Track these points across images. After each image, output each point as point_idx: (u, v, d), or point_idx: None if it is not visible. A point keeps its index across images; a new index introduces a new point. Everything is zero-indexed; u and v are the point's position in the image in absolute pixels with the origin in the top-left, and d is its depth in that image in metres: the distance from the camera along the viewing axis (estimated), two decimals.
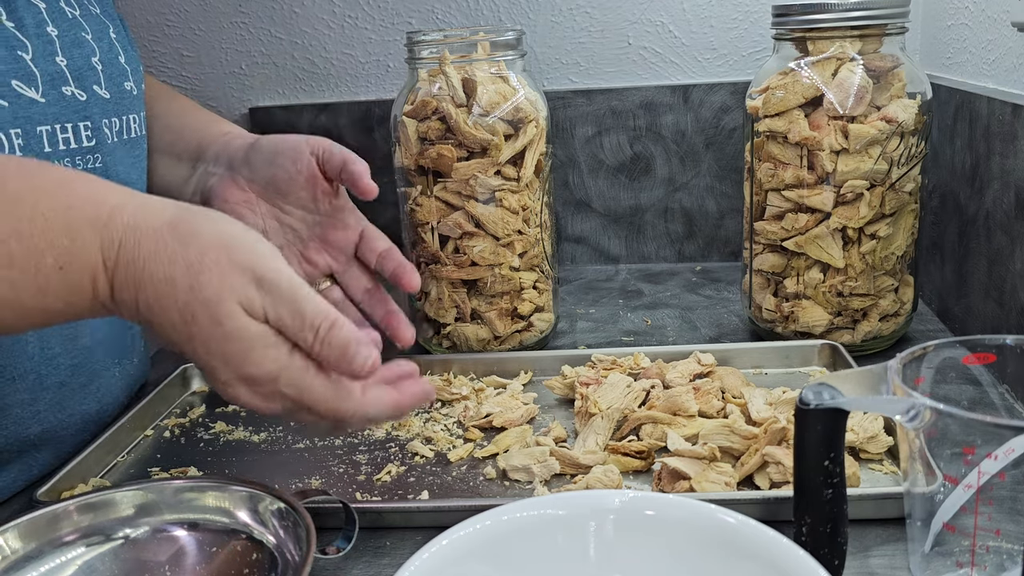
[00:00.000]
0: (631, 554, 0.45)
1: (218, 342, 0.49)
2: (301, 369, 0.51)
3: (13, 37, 0.61)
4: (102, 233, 0.49)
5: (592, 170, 1.16)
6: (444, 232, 0.83)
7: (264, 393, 0.51)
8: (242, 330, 0.49)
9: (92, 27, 0.69)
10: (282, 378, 0.50)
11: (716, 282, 1.09)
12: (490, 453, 0.68)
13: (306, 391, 0.51)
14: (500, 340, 0.86)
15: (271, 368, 0.50)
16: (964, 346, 0.49)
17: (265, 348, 0.50)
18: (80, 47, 0.67)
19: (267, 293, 0.49)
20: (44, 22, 0.64)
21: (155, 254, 0.49)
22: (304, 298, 0.50)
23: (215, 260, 0.49)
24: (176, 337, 0.50)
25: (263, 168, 0.71)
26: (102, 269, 0.49)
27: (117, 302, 0.50)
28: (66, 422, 0.70)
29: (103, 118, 0.68)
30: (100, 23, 0.71)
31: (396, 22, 1.18)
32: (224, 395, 0.52)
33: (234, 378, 0.50)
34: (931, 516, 0.47)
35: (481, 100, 0.79)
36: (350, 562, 0.56)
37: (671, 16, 1.13)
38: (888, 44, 0.78)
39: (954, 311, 0.89)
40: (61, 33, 0.65)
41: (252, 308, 0.49)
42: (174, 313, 0.49)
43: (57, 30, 0.65)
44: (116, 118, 0.70)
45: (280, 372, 0.50)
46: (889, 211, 0.78)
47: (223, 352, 0.50)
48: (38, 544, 0.53)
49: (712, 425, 0.65)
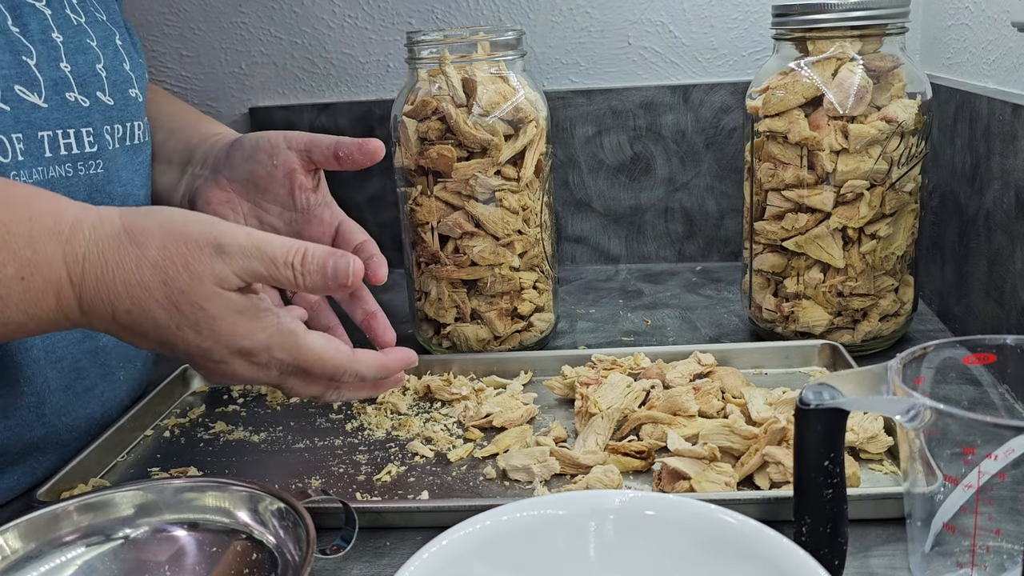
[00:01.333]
0: (631, 554, 0.45)
1: (207, 324, 0.51)
2: (292, 332, 0.53)
3: (18, 42, 0.61)
4: (64, 247, 0.50)
5: (592, 170, 1.16)
6: (444, 232, 0.83)
7: (260, 363, 0.53)
8: (225, 306, 0.51)
9: (97, 34, 0.69)
10: (275, 344, 0.52)
11: (716, 282, 1.09)
12: (490, 453, 0.68)
13: (301, 351, 0.53)
14: (500, 340, 0.86)
15: (262, 337, 0.52)
16: (964, 346, 0.49)
17: (254, 318, 0.51)
18: (84, 53, 0.67)
19: (231, 256, 0.50)
20: (49, 28, 0.64)
21: (120, 263, 0.50)
22: (267, 242, 0.51)
23: (175, 250, 0.50)
24: (164, 335, 0.51)
25: (242, 165, 0.71)
26: (68, 283, 0.50)
27: (87, 314, 0.51)
28: (70, 425, 0.70)
29: (105, 124, 0.68)
30: (106, 30, 0.71)
31: (396, 22, 1.18)
32: (217, 375, 0.53)
33: (228, 354, 0.52)
34: (931, 516, 0.47)
35: (481, 100, 0.79)
36: (350, 562, 0.56)
37: (671, 16, 1.13)
38: (888, 44, 0.78)
39: (954, 311, 0.89)
40: (66, 39, 0.65)
41: (226, 280, 0.50)
42: (158, 311, 0.50)
43: (62, 36, 0.65)
44: (119, 124, 0.70)
45: (271, 339, 0.52)
46: (889, 211, 0.78)
47: (214, 332, 0.51)
48: (38, 544, 0.53)
49: (712, 425, 0.65)
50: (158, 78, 1.23)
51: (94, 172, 0.67)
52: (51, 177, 0.64)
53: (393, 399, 0.77)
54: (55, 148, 0.64)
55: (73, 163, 0.65)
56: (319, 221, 0.72)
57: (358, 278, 0.53)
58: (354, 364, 0.56)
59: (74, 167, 0.65)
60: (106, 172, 0.68)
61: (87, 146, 0.66)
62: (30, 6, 0.63)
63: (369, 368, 0.57)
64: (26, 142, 0.62)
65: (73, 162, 0.65)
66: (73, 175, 0.65)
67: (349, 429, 0.74)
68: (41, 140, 0.63)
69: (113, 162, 0.69)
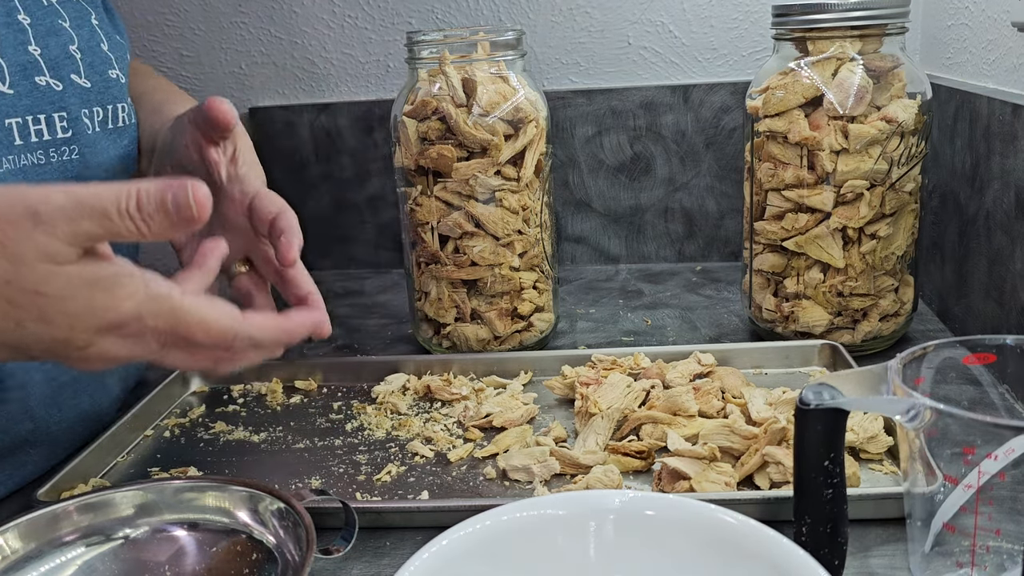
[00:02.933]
0: (631, 554, 0.45)
1: (55, 310, 0.43)
2: (164, 296, 0.45)
3: None
4: None
5: (592, 170, 1.16)
6: (444, 232, 0.83)
7: (132, 334, 0.46)
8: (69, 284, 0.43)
9: (70, 14, 0.67)
10: (146, 311, 0.45)
11: (716, 282, 1.09)
12: (490, 453, 0.68)
13: (178, 315, 0.46)
14: (500, 340, 0.86)
15: (129, 306, 0.45)
16: (964, 346, 0.49)
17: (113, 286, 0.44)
18: (56, 35, 0.65)
19: (53, 223, 0.42)
20: (15, 10, 0.62)
21: None
22: (92, 196, 0.43)
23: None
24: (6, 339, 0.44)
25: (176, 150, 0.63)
26: None
27: None
28: (60, 419, 0.69)
29: (82, 108, 0.66)
30: (80, 9, 0.68)
31: (396, 22, 1.18)
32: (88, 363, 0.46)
33: (93, 335, 0.45)
34: (931, 516, 0.47)
35: (481, 100, 0.79)
36: (350, 562, 0.56)
37: (671, 16, 1.13)
38: (888, 44, 0.78)
39: (954, 311, 0.89)
40: (35, 21, 0.63)
41: (58, 254, 0.43)
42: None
43: (30, 18, 0.63)
44: (99, 107, 0.68)
45: (141, 306, 0.45)
46: (889, 211, 0.78)
47: (67, 316, 0.44)
48: (38, 544, 0.53)
49: (712, 425, 0.65)
50: None
51: (68, 159, 0.65)
52: (23, 166, 0.61)
53: (393, 399, 0.77)
54: (25, 135, 0.61)
55: (45, 150, 0.63)
56: (231, 200, 0.62)
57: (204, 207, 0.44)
58: (245, 327, 0.48)
59: (46, 154, 0.63)
60: (81, 158, 0.66)
61: (60, 131, 0.64)
62: None
63: (264, 331, 0.49)
64: None
65: (45, 149, 0.63)
66: (46, 162, 0.63)
67: (349, 429, 0.74)
68: (9, 127, 0.61)
69: (91, 147, 0.67)
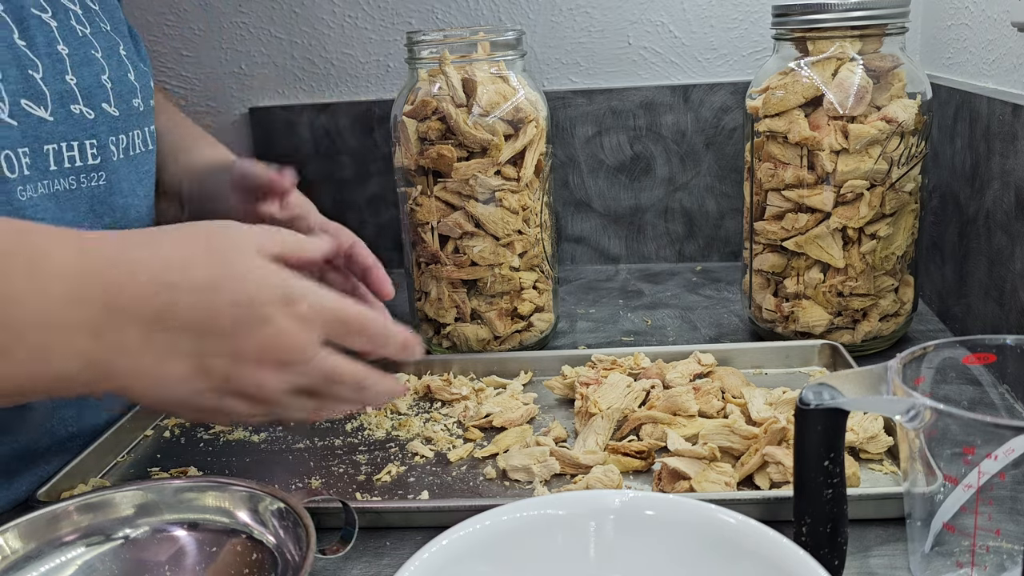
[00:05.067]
0: (631, 554, 0.45)
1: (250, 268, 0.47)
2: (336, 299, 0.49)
3: (24, 56, 0.61)
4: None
5: (592, 170, 1.16)
6: (444, 232, 0.83)
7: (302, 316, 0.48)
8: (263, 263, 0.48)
9: (102, 44, 0.69)
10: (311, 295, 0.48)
11: (716, 282, 1.09)
12: (490, 453, 0.68)
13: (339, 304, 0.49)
14: (500, 340, 0.86)
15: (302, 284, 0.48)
16: (964, 346, 0.49)
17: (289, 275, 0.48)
18: (90, 65, 0.67)
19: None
20: (55, 40, 0.64)
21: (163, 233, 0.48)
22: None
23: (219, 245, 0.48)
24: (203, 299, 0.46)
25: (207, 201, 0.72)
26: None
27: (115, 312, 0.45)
28: (76, 434, 0.70)
29: (110, 136, 0.68)
30: (110, 40, 0.70)
31: (396, 22, 1.18)
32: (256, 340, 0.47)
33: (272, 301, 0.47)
34: (931, 516, 0.47)
35: (481, 100, 0.79)
36: (350, 562, 0.56)
37: (671, 16, 1.13)
38: (888, 44, 0.78)
39: (954, 311, 0.89)
40: (71, 51, 0.65)
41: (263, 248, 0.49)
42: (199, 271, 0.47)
43: (68, 48, 0.65)
44: (123, 135, 0.70)
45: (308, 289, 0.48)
46: (889, 211, 0.78)
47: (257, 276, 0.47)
48: (38, 544, 0.53)
49: (712, 425, 0.65)
50: (158, 78, 1.23)
51: (96, 184, 0.67)
52: (56, 191, 0.63)
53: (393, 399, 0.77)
54: (59, 161, 0.64)
55: (76, 175, 0.65)
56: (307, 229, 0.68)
57: None
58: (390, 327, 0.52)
59: (77, 179, 0.65)
60: (108, 184, 0.68)
61: (90, 158, 0.66)
62: (36, 18, 0.63)
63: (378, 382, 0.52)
64: (32, 156, 0.61)
65: (76, 175, 0.65)
66: (76, 188, 0.65)
67: (349, 429, 0.74)
68: (47, 154, 0.63)
69: (115, 173, 0.69)
